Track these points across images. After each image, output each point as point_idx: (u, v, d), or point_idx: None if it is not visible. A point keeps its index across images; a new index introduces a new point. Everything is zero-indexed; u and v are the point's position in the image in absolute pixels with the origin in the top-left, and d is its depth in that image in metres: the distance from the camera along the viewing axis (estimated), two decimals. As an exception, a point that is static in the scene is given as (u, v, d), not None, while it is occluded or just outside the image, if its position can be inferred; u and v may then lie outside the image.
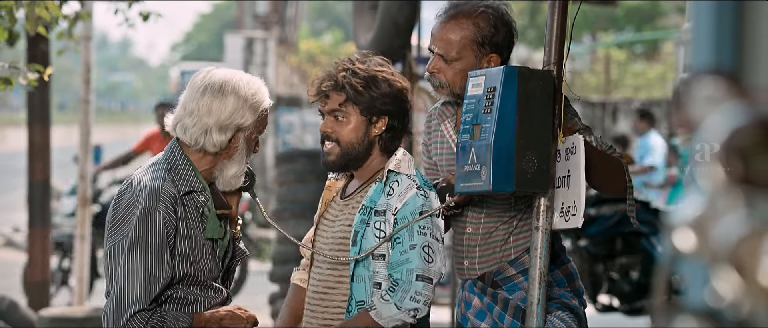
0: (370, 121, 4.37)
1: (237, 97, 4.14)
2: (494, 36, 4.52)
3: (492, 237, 4.59)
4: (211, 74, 4.19)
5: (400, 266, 4.27)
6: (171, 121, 4.22)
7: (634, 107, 22.61)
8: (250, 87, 4.19)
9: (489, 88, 4.32)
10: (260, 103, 4.19)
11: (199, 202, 4.15)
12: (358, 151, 4.39)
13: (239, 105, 4.14)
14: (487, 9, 4.54)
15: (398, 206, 4.32)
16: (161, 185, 4.07)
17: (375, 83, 4.34)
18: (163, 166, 4.16)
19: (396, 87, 4.37)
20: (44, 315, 8.79)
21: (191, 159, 4.17)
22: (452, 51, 4.53)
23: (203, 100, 4.13)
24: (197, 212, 4.14)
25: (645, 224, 10.51)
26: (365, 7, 8.53)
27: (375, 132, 4.38)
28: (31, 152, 9.77)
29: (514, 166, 4.26)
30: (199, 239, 4.14)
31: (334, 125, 4.38)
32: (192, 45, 78.16)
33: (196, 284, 4.17)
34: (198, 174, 4.16)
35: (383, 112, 4.36)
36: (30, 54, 9.30)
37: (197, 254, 4.14)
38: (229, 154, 4.18)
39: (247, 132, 4.19)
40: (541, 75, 4.34)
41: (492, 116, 4.28)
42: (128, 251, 4.06)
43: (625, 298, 10.66)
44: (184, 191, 4.12)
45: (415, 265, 4.27)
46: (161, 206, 4.04)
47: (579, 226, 4.34)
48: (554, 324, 4.51)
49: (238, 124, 4.15)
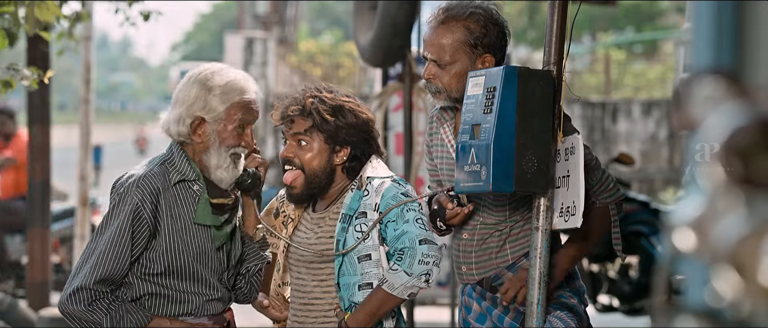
0: (333, 150, 4.38)
1: (201, 87, 4.16)
2: (485, 37, 4.52)
3: (486, 243, 4.59)
4: (201, 68, 4.23)
5: (401, 238, 4.29)
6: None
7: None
8: (222, 78, 4.18)
9: (489, 88, 4.31)
10: (232, 95, 4.17)
11: (194, 191, 4.15)
12: (320, 180, 4.41)
13: (201, 95, 4.15)
14: (476, 10, 4.54)
15: (377, 201, 4.35)
16: (145, 175, 4.11)
17: (341, 113, 4.36)
18: (158, 159, 4.20)
19: (361, 118, 4.40)
20: (44, 315, 8.79)
21: (186, 151, 4.19)
22: (445, 56, 4.53)
23: (182, 90, 4.19)
24: (193, 200, 4.15)
25: (645, 224, 10.51)
26: (365, 7, 8.53)
27: (337, 161, 4.40)
28: (31, 153, 9.77)
29: (514, 166, 4.26)
30: (190, 228, 4.13)
31: (297, 150, 4.40)
32: (192, 45, 78.21)
33: (185, 279, 4.15)
34: (192, 164, 4.17)
35: (347, 142, 4.39)
36: (30, 55, 9.30)
37: (188, 242, 4.13)
38: (204, 146, 4.17)
39: (219, 124, 4.16)
40: (541, 75, 4.34)
41: (492, 116, 4.28)
42: (95, 231, 4.13)
43: (625, 298, 10.66)
44: (175, 180, 4.12)
45: (415, 232, 4.30)
46: (136, 194, 4.06)
47: (578, 226, 4.35)
48: (553, 324, 4.51)
49: (197, 115, 4.15)
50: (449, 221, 4.48)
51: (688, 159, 3.50)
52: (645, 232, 10.55)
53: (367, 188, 4.39)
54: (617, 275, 10.71)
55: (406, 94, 8.55)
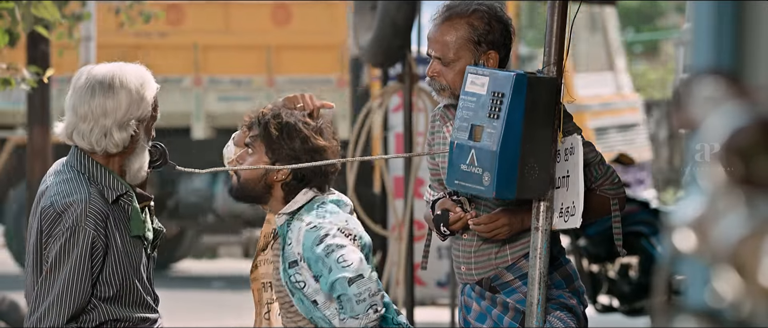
0: (273, 163, 4.30)
1: (128, 91, 4.02)
2: (489, 33, 4.53)
3: (486, 243, 4.58)
4: (93, 73, 4.06)
5: (333, 286, 4.21)
6: (62, 129, 4.08)
7: None
8: (136, 78, 4.08)
9: (496, 92, 4.31)
10: (150, 91, 4.09)
11: (126, 202, 4.06)
12: (252, 190, 4.34)
13: (133, 98, 4.03)
14: (479, 7, 4.55)
15: (300, 251, 4.27)
16: (89, 199, 3.96)
17: (290, 134, 4.28)
18: (78, 176, 4.04)
19: (311, 144, 4.29)
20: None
21: (101, 163, 4.05)
22: (449, 53, 4.54)
23: (95, 102, 4.00)
24: (124, 212, 4.05)
25: (645, 224, 10.51)
26: (365, 7, 8.53)
27: (275, 178, 4.32)
28: (31, 153, 9.77)
29: (517, 173, 4.28)
30: (129, 243, 4.06)
31: (243, 157, 4.37)
32: (192, 45, 78.00)
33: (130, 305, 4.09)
34: (116, 177, 4.05)
35: (289, 161, 4.29)
36: (30, 55, 9.30)
37: (126, 262, 4.06)
38: (132, 150, 4.07)
39: (145, 122, 4.09)
40: (546, 82, 4.35)
41: (499, 123, 4.28)
42: (50, 266, 3.97)
43: (625, 298, 10.65)
44: (112, 199, 4.02)
45: (338, 276, 4.21)
46: (89, 224, 3.94)
47: (578, 226, 4.36)
48: (553, 324, 4.52)
49: (136, 118, 4.04)
50: (452, 226, 4.48)
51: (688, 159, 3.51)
52: (645, 232, 10.55)
53: (290, 234, 4.30)
54: (617, 275, 10.70)
55: (406, 94, 8.55)
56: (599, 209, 4.53)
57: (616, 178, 4.55)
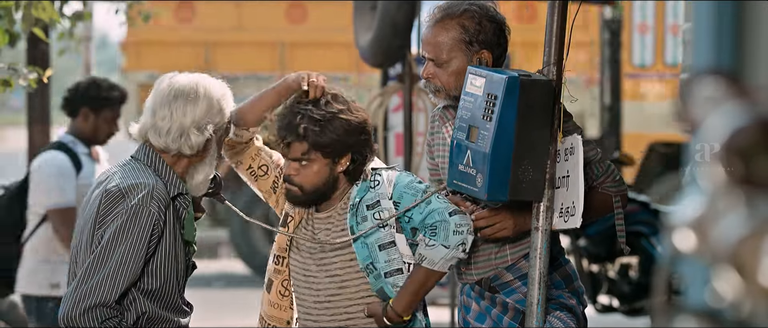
0: (334, 162, 4.36)
1: (209, 98, 4.12)
2: (480, 33, 4.54)
3: (486, 244, 4.58)
4: (177, 79, 4.16)
5: (430, 214, 4.32)
6: (137, 129, 4.15)
7: None
8: (218, 89, 4.19)
9: (489, 93, 4.32)
10: (228, 106, 4.20)
11: (182, 205, 4.11)
12: (323, 191, 4.40)
13: (213, 104, 4.12)
14: (470, 7, 4.56)
15: (390, 190, 4.37)
16: (155, 185, 4.02)
17: (332, 125, 4.31)
18: (145, 167, 4.10)
19: (354, 124, 4.35)
20: (44, 315, 8.77)
21: (168, 163, 4.12)
22: (442, 54, 4.55)
23: (176, 104, 4.09)
24: (179, 215, 4.11)
25: (645, 224, 10.51)
26: (365, 7, 8.53)
27: (339, 169, 4.38)
28: (31, 153, 9.76)
29: (510, 175, 4.28)
30: (179, 244, 4.10)
31: (299, 169, 4.36)
32: (192, 45, 78.00)
33: (166, 306, 4.13)
34: (179, 177, 4.12)
35: (345, 151, 4.35)
36: (30, 55, 9.30)
37: (173, 259, 4.10)
38: (202, 157, 4.15)
39: (219, 134, 4.17)
40: (542, 84, 4.35)
41: (491, 125, 4.29)
42: (107, 241, 3.98)
43: (625, 298, 10.65)
44: (173, 194, 4.08)
45: (442, 207, 4.34)
46: (154, 205, 3.99)
47: (578, 226, 4.35)
48: (552, 324, 4.52)
49: (214, 124, 4.12)
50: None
51: (688, 159, 3.51)
52: (645, 232, 10.54)
53: (375, 178, 4.41)
54: (617, 275, 10.70)
55: (406, 94, 8.55)
56: (601, 207, 4.54)
57: (617, 175, 4.55)
